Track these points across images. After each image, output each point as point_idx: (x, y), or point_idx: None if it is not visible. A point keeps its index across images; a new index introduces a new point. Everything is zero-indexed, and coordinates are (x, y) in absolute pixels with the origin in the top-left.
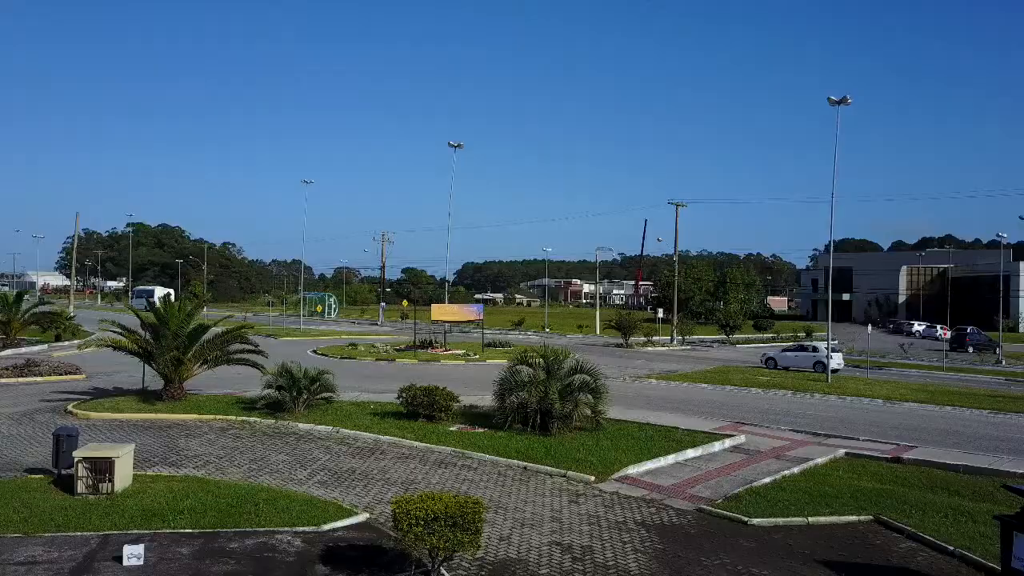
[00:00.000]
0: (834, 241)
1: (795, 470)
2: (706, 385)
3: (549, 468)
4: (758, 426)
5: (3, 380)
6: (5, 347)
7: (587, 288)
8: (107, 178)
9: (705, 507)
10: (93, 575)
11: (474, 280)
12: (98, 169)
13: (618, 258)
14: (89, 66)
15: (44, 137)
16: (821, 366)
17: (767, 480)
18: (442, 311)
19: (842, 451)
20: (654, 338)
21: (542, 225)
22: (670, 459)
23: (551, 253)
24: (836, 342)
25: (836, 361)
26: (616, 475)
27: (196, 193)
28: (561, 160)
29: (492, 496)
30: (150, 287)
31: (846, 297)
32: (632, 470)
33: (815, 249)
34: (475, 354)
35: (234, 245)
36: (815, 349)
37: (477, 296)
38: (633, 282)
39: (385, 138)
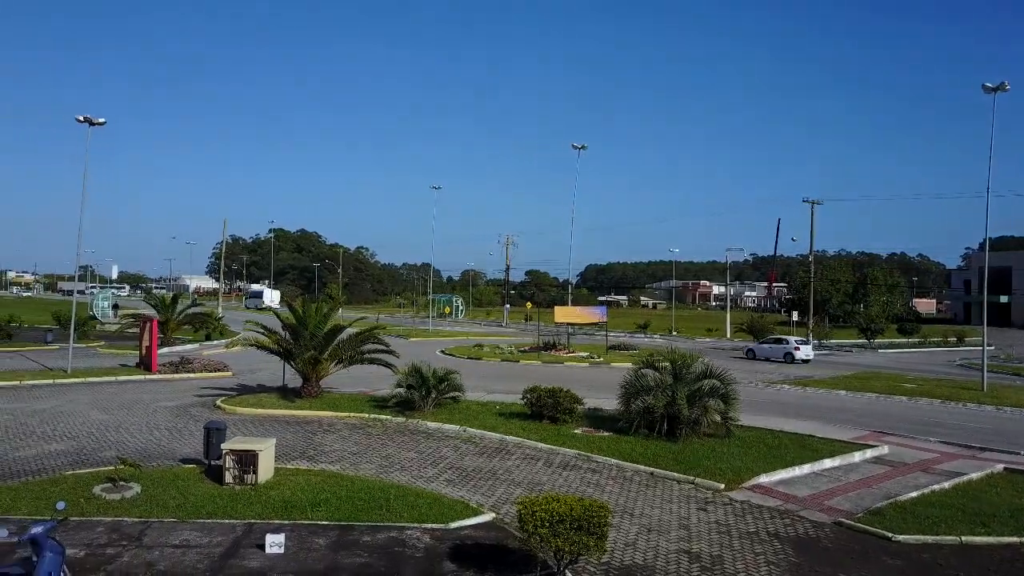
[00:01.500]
0: (990, 238)
1: (945, 485)
2: (844, 392)
3: (676, 474)
4: (903, 436)
5: (162, 376)
6: (163, 345)
7: (716, 290)
8: (252, 186)
9: (844, 520)
10: (239, 560)
11: (597, 282)
12: (244, 177)
13: (749, 259)
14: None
15: (195, 149)
16: (791, 356)
17: (913, 494)
18: (565, 313)
19: (1000, 466)
20: None
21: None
22: (805, 468)
23: (678, 254)
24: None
25: (805, 352)
26: (747, 483)
27: (332, 200)
28: (689, 159)
29: (618, 500)
30: (259, 289)
31: (1004, 299)
32: (764, 479)
33: (967, 248)
34: (599, 357)
35: (367, 249)
36: (786, 341)
37: (600, 298)
38: (765, 284)
39: (510, 141)
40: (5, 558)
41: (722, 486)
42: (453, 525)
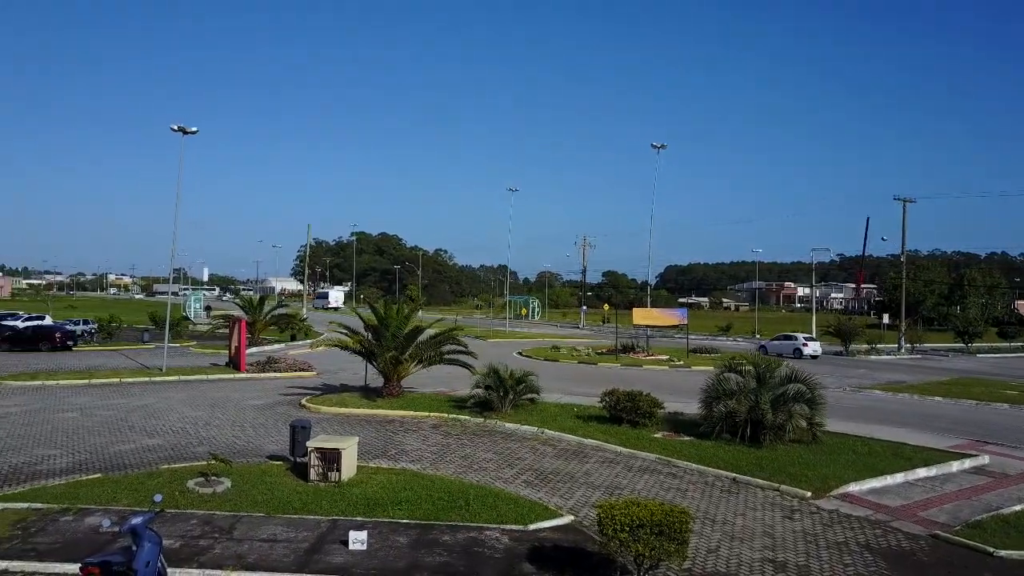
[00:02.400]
0: None
1: None
2: (940, 399)
3: (760, 481)
4: (1006, 446)
5: (250, 375)
6: (250, 345)
7: (801, 291)
8: (335, 190)
9: (941, 533)
10: (324, 555)
11: (677, 283)
12: (328, 182)
13: (836, 259)
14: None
15: (281, 154)
16: (799, 352)
17: (1017, 508)
18: (644, 315)
19: None
20: (878, 346)
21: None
22: (898, 478)
23: (761, 254)
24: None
25: (812, 348)
26: (836, 492)
27: (412, 202)
28: (773, 157)
29: (699, 506)
30: (325, 290)
31: None
32: (854, 487)
33: None
34: (679, 360)
35: (446, 252)
36: (794, 338)
37: (680, 300)
38: (853, 285)
39: (588, 142)
40: (108, 546)
41: (809, 494)
42: (532, 527)
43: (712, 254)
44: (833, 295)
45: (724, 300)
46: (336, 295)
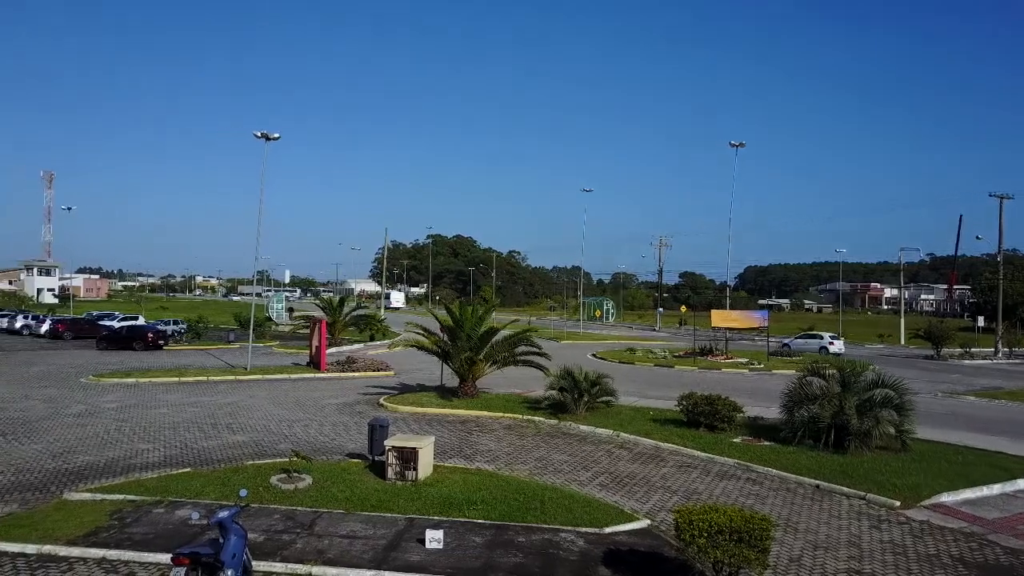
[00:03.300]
0: None
1: None
2: None
3: (846, 489)
4: None
5: (330, 374)
6: (330, 345)
7: (888, 292)
8: (412, 193)
9: None
10: (401, 553)
11: (757, 284)
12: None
13: (926, 259)
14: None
15: (360, 158)
16: (825, 350)
17: None
18: (722, 317)
19: None
20: (972, 350)
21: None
22: (995, 489)
23: (845, 254)
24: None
25: (838, 347)
26: (927, 502)
27: (486, 204)
28: (857, 154)
29: (780, 513)
30: (389, 291)
31: None
32: (947, 498)
33: None
34: (759, 363)
35: (519, 253)
36: (820, 337)
37: (761, 301)
38: (945, 286)
39: (664, 140)
40: (197, 538)
41: (898, 503)
42: (607, 530)
43: (793, 254)
44: (923, 297)
45: (806, 302)
46: (397, 296)
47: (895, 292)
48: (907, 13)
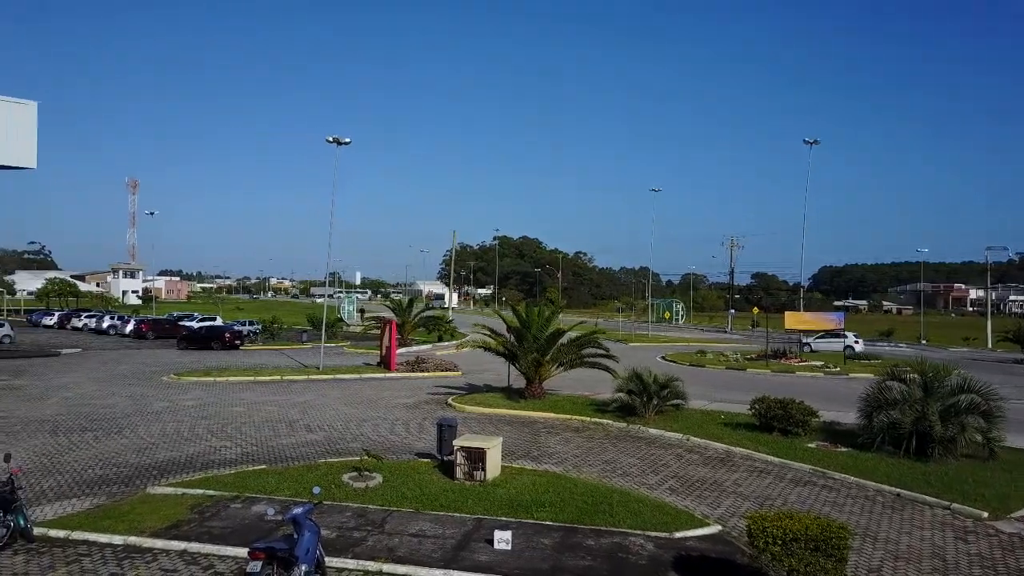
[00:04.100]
0: None
1: None
2: None
3: (928, 497)
4: None
5: (400, 374)
6: (400, 346)
7: (973, 294)
8: (480, 195)
9: None
10: (470, 553)
11: (832, 285)
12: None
13: (1014, 258)
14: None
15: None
16: (851, 349)
17: None
18: (796, 319)
19: None
20: None
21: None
22: None
23: (927, 254)
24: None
25: (861, 347)
26: (1018, 513)
27: (552, 205)
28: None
29: (859, 522)
30: (441, 292)
31: None
32: None
33: None
34: (835, 366)
35: (585, 254)
36: (846, 336)
37: (836, 303)
38: None
39: (734, 140)
40: (272, 533)
41: (986, 514)
42: (677, 535)
43: (871, 254)
44: (1012, 298)
45: (885, 303)
46: (451, 296)
47: (981, 293)
48: (992, 7)
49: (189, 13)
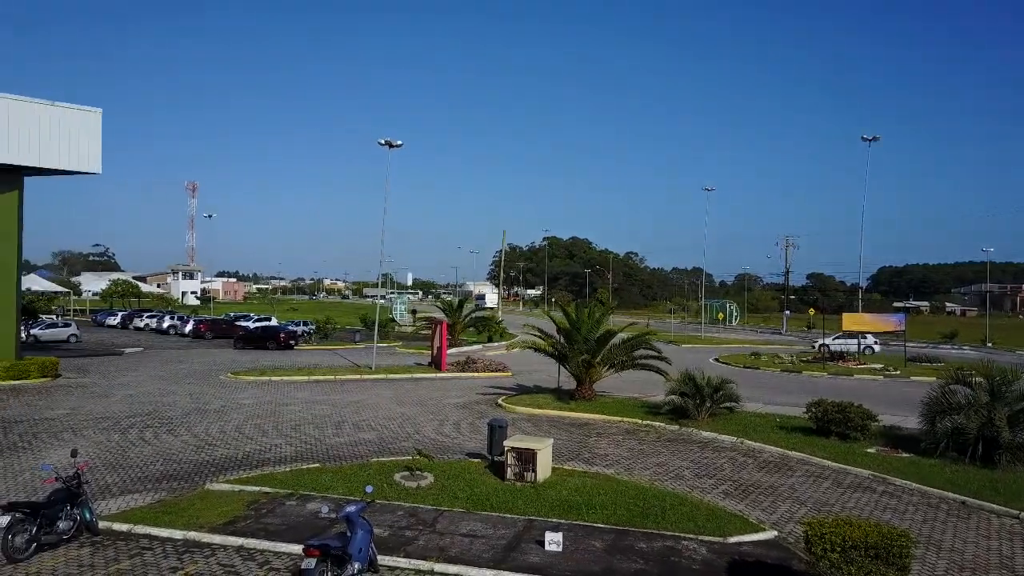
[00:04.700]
0: None
1: None
2: None
3: (996, 506)
4: None
5: (450, 374)
6: (450, 346)
7: None
8: (528, 197)
9: None
10: (520, 554)
11: (892, 286)
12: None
13: None
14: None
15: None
16: (871, 350)
17: None
18: (854, 320)
19: None
20: None
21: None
22: None
23: (992, 253)
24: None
25: (879, 348)
26: None
27: (602, 206)
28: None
29: (921, 530)
30: (482, 292)
31: None
32: None
33: None
34: (895, 369)
35: (636, 254)
36: (865, 337)
37: (896, 304)
38: None
39: (789, 138)
40: (325, 531)
41: None
42: (731, 540)
43: (933, 254)
44: None
45: (948, 304)
46: (492, 297)
47: None
48: None
49: (246, 18)
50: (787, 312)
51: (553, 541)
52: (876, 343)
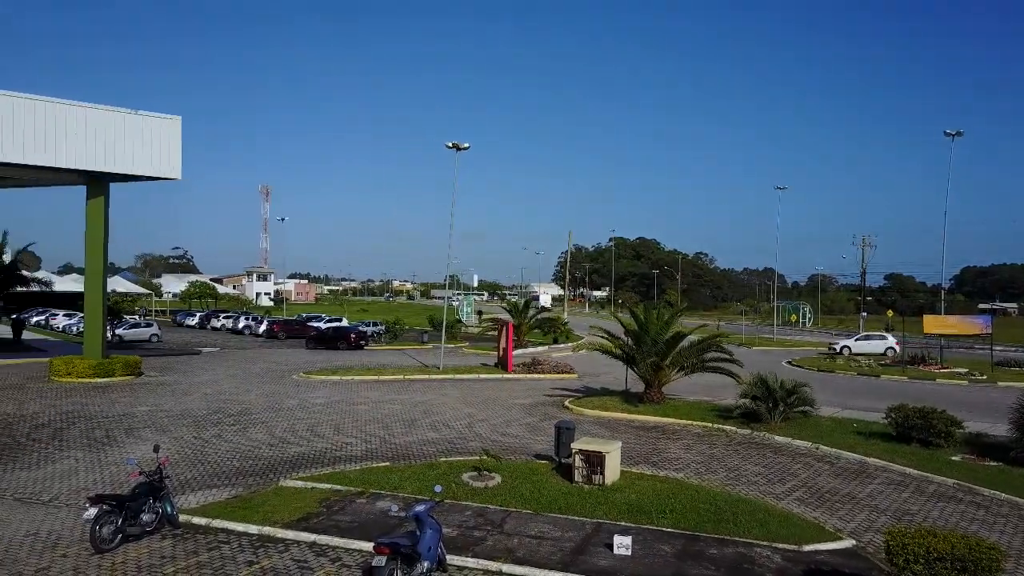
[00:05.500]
0: None
1: None
2: None
3: None
4: None
5: (516, 375)
6: (516, 347)
7: None
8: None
9: None
10: (589, 557)
11: (977, 287)
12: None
13: None
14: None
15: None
16: (893, 350)
17: None
18: (936, 322)
19: None
20: None
21: None
22: None
23: None
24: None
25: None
26: None
27: (670, 205)
28: None
29: (1011, 543)
30: (537, 293)
31: None
32: None
33: None
34: (981, 374)
35: (706, 255)
36: (885, 337)
37: (982, 305)
38: None
39: (865, 134)
40: (395, 529)
41: None
42: (807, 548)
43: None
44: None
45: None
46: (545, 298)
47: None
48: None
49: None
50: (864, 314)
51: (622, 545)
52: (896, 344)
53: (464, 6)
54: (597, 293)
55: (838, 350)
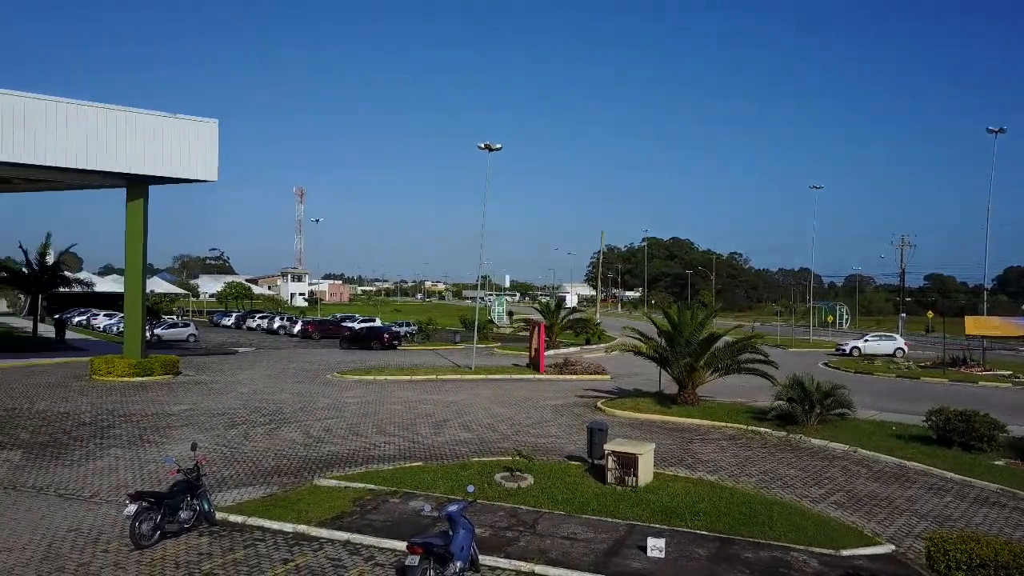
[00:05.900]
0: None
1: None
2: None
3: None
4: None
5: (548, 376)
6: (548, 348)
7: None
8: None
9: None
10: (622, 559)
11: (1021, 287)
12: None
13: None
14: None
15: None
16: (903, 351)
17: None
18: (979, 324)
19: None
20: None
21: None
22: None
23: None
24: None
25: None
26: None
27: (704, 205)
28: None
29: None
30: (563, 295)
31: None
32: None
33: None
34: None
35: (740, 255)
36: (893, 338)
37: None
38: None
39: (903, 131)
40: (428, 529)
41: None
42: (844, 552)
43: None
44: None
45: None
46: (571, 298)
47: None
48: None
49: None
50: (903, 315)
51: (656, 547)
52: (905, 344)
53: (505, 9)
54: (629, 293)
55: (847, 351)
